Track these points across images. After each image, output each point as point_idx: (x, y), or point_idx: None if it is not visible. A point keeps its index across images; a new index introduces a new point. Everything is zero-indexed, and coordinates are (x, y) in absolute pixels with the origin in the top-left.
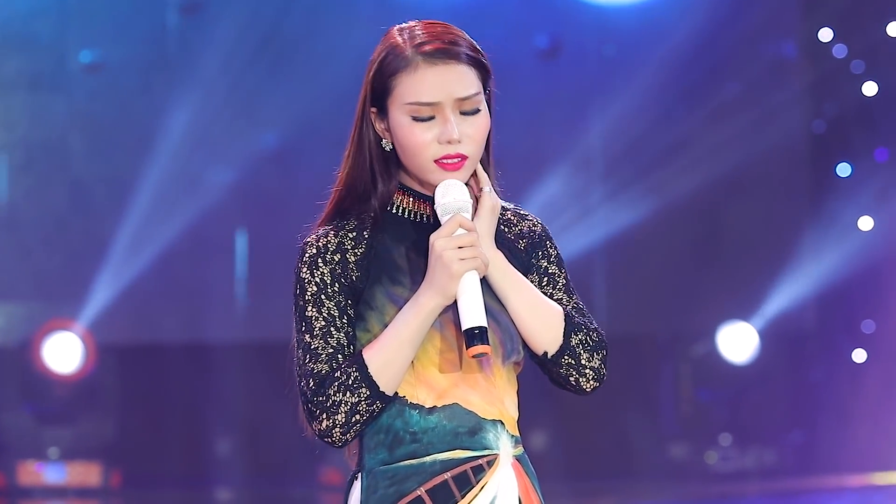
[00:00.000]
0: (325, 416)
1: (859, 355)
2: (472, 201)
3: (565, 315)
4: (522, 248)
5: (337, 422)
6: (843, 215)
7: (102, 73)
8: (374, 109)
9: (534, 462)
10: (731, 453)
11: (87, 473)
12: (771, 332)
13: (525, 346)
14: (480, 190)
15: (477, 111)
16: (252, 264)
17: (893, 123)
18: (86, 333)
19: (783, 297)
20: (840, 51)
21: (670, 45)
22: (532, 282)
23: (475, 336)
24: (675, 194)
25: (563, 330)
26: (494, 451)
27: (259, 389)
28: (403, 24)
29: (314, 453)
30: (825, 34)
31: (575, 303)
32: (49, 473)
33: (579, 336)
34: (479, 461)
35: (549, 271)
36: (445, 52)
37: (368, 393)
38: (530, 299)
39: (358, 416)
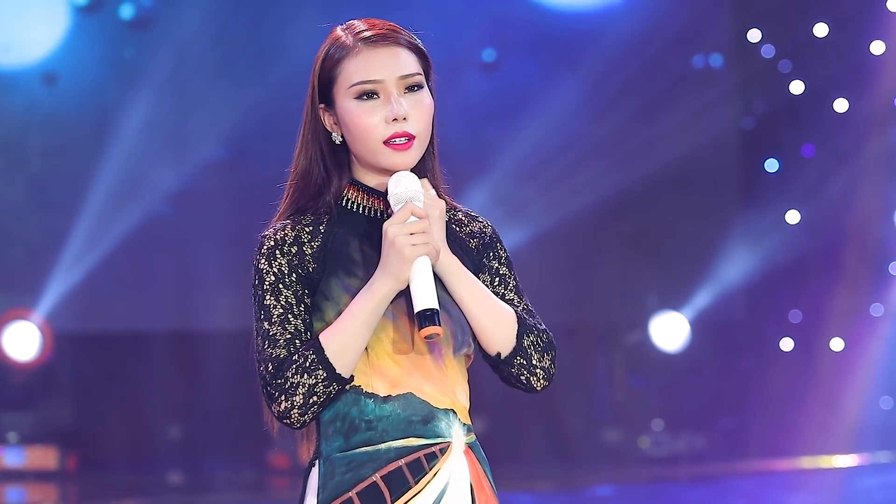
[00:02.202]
0: (283, 397)
1: (787, 344)
2: (423, 191)
3: (518, 317)
4: (473, 246)
5: (295, 403)
6: (771, 209)
7: (60, 76)
8: (321, 105)
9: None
10: (663, 438)
11: (44, 457)
12: (702, 322)
13: (478, 345)
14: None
15: (420, 87)
16: (202, 258)
17: (820, 120)
18: (43, 323)
19: (713, 287)
20: (768, 51)
21: (608, 49)
22: (484, 282)
23: (427, 317)
24: (610, 190)
25: (516, 332)
26: (447, 439)
27: (209, 377)
28: (343, 24)
29: (263, 438)
30: (754, 35)
31: (525, 304)
32: (8, 457)
33: (531, 338)
34: (433, 448)
35: (501, 272)
36: (385, 36)
37: (325, 375)
38: (485, 302)
39: (315, 398)
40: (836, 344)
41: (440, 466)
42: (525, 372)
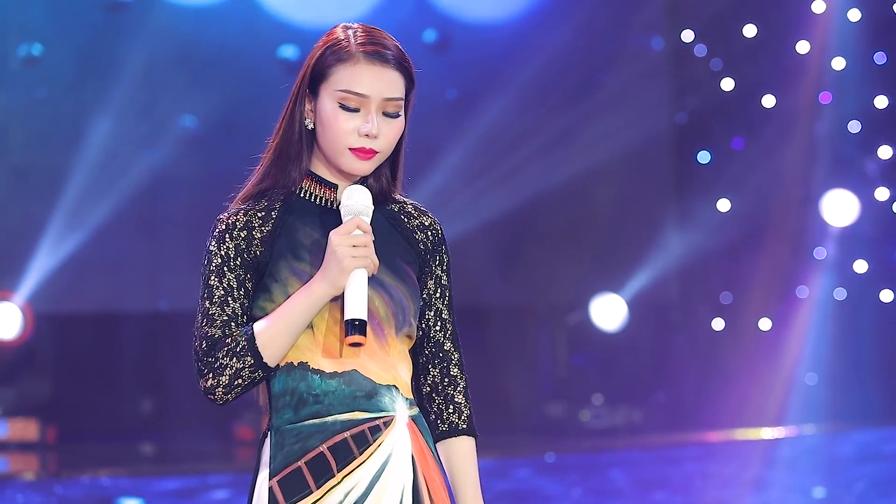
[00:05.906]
0: (211, 375)
1: (718, 324)
2: (373, 207)
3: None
4: (420, 240)
5: (221, 382)
6: (703, 198)
7: (39, 68)
8: (307, 90)
9: None
10: (602, 412)
11: (26, 429)
12: (638, 303)
13: (417, 319)
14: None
15: (397, 115)
16: (173, 243)
17: (749, 115)
18: (25, 304)
19: (649, 271)
20: (701, 50)
21: (548, 46)
22: (428, 288)
23: (354, 326)
24: (554, 179)
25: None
26: (391, 413)
27: (179, 354)
28: (347, 24)
29: (229, 412)
30: (687, 35)
31: (452, 322)
32: None
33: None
34: (377, 422)
35: (443, 282)
36: (383, 55)
37: (252, 362)
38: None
39: (240, 381)
40: (764, 324)
41: (383, 438)
42: None
